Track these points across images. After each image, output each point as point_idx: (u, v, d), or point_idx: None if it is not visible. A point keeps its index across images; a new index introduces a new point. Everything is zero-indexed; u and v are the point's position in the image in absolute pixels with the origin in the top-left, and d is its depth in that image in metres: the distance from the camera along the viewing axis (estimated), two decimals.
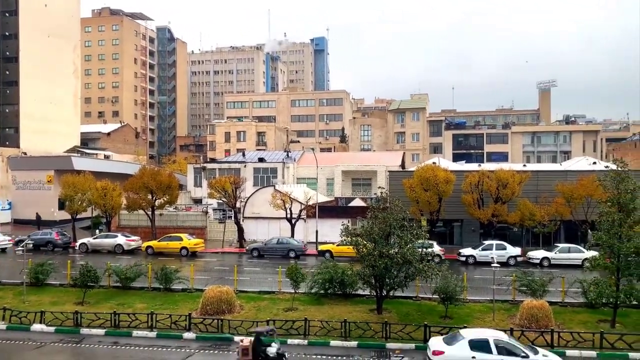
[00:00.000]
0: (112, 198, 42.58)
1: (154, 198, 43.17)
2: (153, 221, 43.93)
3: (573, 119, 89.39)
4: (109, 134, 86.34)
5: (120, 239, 39.90)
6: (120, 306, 23.65)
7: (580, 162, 54.26)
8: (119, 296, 25.52)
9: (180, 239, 38.70)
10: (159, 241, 39.27)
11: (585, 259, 28.96)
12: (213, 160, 70.04)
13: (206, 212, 48.78)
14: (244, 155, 65.62)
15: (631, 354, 18.61)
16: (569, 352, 18.75)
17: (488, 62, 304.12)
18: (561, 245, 35.77)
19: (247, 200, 46.25)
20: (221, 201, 43.51)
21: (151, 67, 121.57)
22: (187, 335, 20.61)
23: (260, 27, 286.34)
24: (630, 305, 21.73)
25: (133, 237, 40.93)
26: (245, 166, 57.16)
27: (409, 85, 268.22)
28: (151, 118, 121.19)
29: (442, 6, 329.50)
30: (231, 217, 45.31)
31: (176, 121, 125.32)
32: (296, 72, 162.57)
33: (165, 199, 44.06)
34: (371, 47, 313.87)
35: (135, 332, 20.95)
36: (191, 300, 24.56)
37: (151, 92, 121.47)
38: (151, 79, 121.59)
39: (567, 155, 75.51)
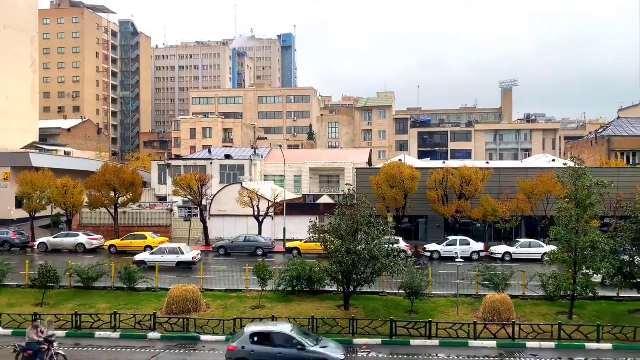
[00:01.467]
0: (73, 196, 41.43)
1: (117, 196, 42.19)
2: (116, 219, 42.94)
3: (533, 117, 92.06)
4: (69, 130, 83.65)
5: (82, 238, 38.87)
6: (82, 307, 23.02)
7: (540, 160, 55.99)
8: (80, 297, 24.84)
9: (145, 238, 37.99)
10: (123, 240, 38.42)
11: (545, 253, 29.97)
12: (178, 157, 68.96)
13: (171, 210, 47.99)
14: (210, 152, 64.87)
15: (587, 344, 19.37)
16: (529, 344, 19.37)
17: (453, 64, 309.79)
18: (522, 240, 36.88)
19: (214, 197, 45.74)
20: (187, 199, 42.92)
21: (114, 61, 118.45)
22: (152, 335, 20.26)
23: (227, 23, 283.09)
24: (586, 298, 22.57)
25: (95, 236, 39.94)
26: (211, 163, 56.51)
27: (375, 83, 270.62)
28: (114, 114, 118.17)
29: (410, 8, 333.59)
30: (197, 215, 44.72)
31: (140, 117, 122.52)
32: (263, 68, 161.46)
33: (128, 197, 43.14)
34: (338, 45, 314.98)
35: (97, 333, 20.44)
36: (156, 299, 24.15)
37: (114, 87, 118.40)
38: (114, 74, 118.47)
39: (527, 152, 77.74)
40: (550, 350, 19.11)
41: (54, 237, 39.73)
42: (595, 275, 21.54)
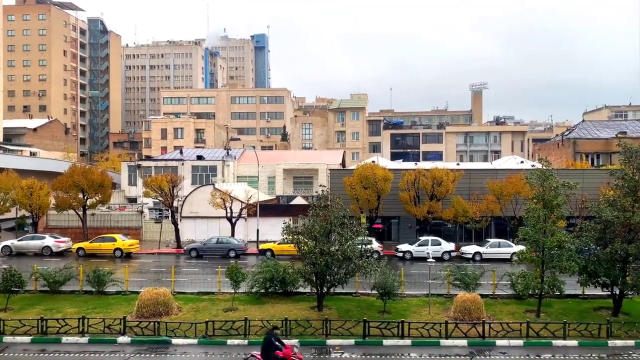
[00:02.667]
0: (39, 197, 40.33)
1: (85, 197, 41.24)
2: (84, 221, 41.97)
3: (503, 120, 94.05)
4: (35, 129, 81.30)
5: (49, 241, 37.83)
6: (48, 311, 22.35)
7: (509, 161, 57.26)
8: (46, 301, 24.13)
9: (114, 240, 37.21)
10: (91, 242, 37.55)
11: (514, 253, 30.62)
12: (149, 158, 67.81)
13: (141, 212, 47.21)
14: (181, 152, 64.04)
15: (554, 342, 19.87)
16: (499, 342, 19.75)
17: (425, 66, 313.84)
18: (492, 240, 37.63)
19: (185, 199, 45.17)
20: (157, 200, 42.25)
21: (82, 60, 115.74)
22: (122, 339, 19.83)
23: (199, 22, 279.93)
24: (553, 296, 23.17)
25: (62, 239, 38.94)
26: (183, 164, 55.80)
27: (349, 85, 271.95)
28: (82, 113, 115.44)
29: (383, 11, 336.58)
30: (168, 216, 44.10)
31: (109, 117, 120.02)
32: (236, 68, 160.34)
33: (97, 198, 42.23)
34: (312, 46, 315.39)
35: (64, 338, 19.89)
36: (126, 303, 23.66)
37: (82, 87, 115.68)
38: (82, 73, 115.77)
39: (497, 154, 79.36)
40: (518, 348, 19.52)
41: (19, 240, 38.54)
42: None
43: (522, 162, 55.17)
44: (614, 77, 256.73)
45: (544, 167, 23.03)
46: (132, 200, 55.78)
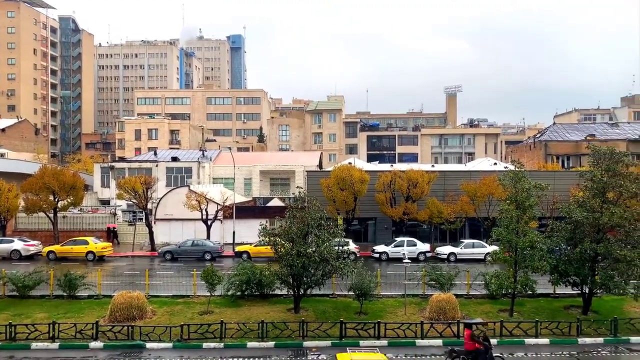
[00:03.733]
0: (8, 200, 39.20)
1: (56, 199, 40.27)
2: (55, 224, 40.99)
3: (476, 122, 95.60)
4: (3, 130, 78.95)
5: (17, 244, 36.81)
6: (17, 317, 21.74)
7: (482, 163, 58.21)
8: (15, 306, 23.47)
9: (86, 243, 36.41)
10: (62, 245, 36.67)
11: (488, 253, 31.15)
12: (122, 159, 66.68)
13: (115, 214, 46.36)
14: (156, 154, 63.18)
15: (527, 340, 20.30)
16: None
17: (401, 69, 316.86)
18: (466, 240, 38.17)
19: (160, 201, 44.56)
20: (131, 202, 41.58)
21: (53, 59, 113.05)
22: (94, 344, 19.44)
23: (174, 22, 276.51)
24: (525, 295, 23.66)
25: (32, 242, 37.96)
26: (157, 165, 55.08)
27: (326, 87, 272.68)
28: (53, 113, 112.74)
29: (361, 13, 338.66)
30: (142, 219, 43.43)
31: (81, 117, 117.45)
32: (212, 69, 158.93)
33: (69, 201, 41.28)
34: (289, 48, 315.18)
35: (34, 344, 19.39)
36: (99, 307, 23.20)
37: (53, 86, 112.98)
38: (53, 72, 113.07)
39: (471, 156, 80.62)
40: (493, 346, 19.83)
41: None
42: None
43: (495, 163, 56.16)
44: (583, 80, 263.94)
45: (517, 169, 23.54)
46: (105, 203, 54.84)
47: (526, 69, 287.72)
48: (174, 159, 58.41)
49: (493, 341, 20.00)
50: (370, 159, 76.46)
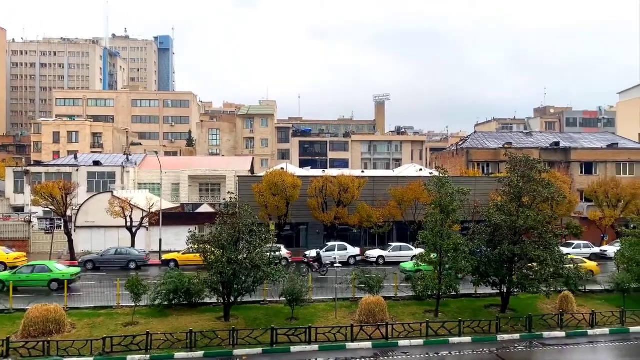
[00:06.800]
0: None
1: None
2: None
3: (403, 130, 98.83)
4: None
5: None
6: None
7: (409, 169, 60.17)
8: None
9: None
10: None
11: (414, 256, 32.20)
12: (38, 163, 62.38)
13: (29, 222, 43.27)
14: (76, 158, 59.83)
15: (451, 339, 21.19)
16: (401, 342, 20.64)
17: (333, 77, 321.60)
18: (394, 244, 39.29)
19: (80, 207, 42.19)
20: (48, 209, 38.99)
21: None
22: None
23: (97, 21, 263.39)
24: (450, 296, 24.70)
25: None
26: (77, 170, 52.20)
27: (258, 92, 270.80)
28: None
29: (287, 22, 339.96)
30: (61, 226, 40.88)
31: None
32: (138, 70, 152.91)
33: None
34: (219, 51, 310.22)
35: None
36: (10, 322, 21.51)
37: None
38: None
39: (398, 162, 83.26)
40: (419, 347, 20.53)
41: None
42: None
43: (420, 169, 58.21)
44: (501, 91, 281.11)
45: (441, 175, 24.58)
46: (19, 210, 51.19)
47: (450, 81, 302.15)
48: (96, 163, 55.69)
49: (420, 341, 20.78)
50: (303, 164, 76.85)
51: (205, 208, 47.95)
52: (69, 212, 38.57)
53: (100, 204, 40.59)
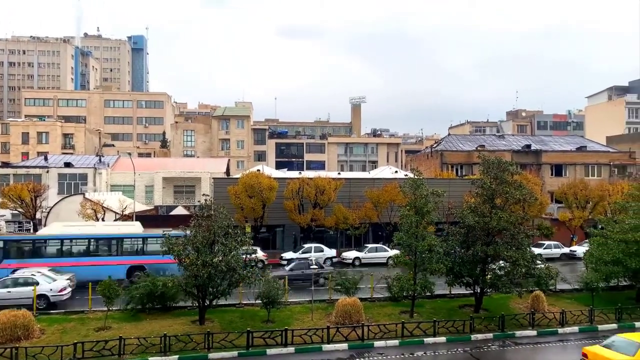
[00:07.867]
0: None
1: None
2: None
3: (379, 132, 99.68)
4: None
5: None
6: None
7: (384, 171, 60.64)
8: None
9: None
10: None
11: (390, 257, 32.43)
12: (6, 165, 60.66)
13: None
14: (46, 159, 58.43)
15: (426, 339, 21.42)
16: (377, 343, 20.76)
17: (311, 78, 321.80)
18: (370, 245, 39.52)
19: (51, 210, 41.18)
20: (17, 212, 37.95)
21: None
22: None
23: (68, 20, 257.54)
24: (425, 296, 24.92)
25: None
26: (48, 172, 50.91)
27: (234, 93, 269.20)
28: None
29: (268, 20, 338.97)
30: (30, 229, 39.81)
31: None
32: (111, 70, 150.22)
33: None
34: (194, 52, 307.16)
35: None
36: None
37: None
38: None
39: (374, 164, 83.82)
40: (394, 347, 20.68)
41: None
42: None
43: (396, 171, 58.75)
44: (475, 94, 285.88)
45: (416, 177, 24.84)
46: None
47: (424, 84, 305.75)
48: (67, 165, 54.43)
49: (395, 342, 20.94)
50: (279, 166, 76.61)
51: (179, 210, 47.37)
52: (38, 215, 37.72)
53: (72, 206, 39.69)
